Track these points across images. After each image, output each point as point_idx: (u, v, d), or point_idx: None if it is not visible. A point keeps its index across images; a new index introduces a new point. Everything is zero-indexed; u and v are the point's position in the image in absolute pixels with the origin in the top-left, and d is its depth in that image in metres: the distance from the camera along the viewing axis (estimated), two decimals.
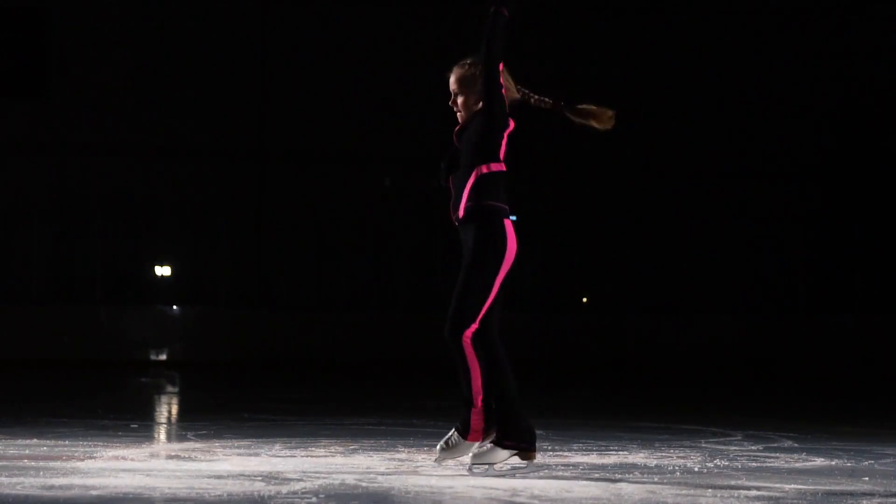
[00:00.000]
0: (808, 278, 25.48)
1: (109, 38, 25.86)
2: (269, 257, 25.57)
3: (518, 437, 6.71)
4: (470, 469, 6.72)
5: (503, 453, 6.70)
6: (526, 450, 6.75)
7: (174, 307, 23.49)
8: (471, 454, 6.76)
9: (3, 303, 23.20)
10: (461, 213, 6.79)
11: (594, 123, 6.99)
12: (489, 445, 6.75)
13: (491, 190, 6.75)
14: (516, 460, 6.81)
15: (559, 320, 24.28)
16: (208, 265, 25.05)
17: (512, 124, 6.84)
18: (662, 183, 27.10)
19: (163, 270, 25.39)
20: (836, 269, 25.56)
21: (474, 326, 6.69)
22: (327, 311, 23.98)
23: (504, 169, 6.82)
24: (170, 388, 17.20)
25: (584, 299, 26.22)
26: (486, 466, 6.69)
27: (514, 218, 6.85)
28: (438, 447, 6.86)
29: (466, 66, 6.94)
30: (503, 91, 6.82)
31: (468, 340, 6.70)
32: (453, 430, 6.83)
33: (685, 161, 27.19)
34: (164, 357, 22.92)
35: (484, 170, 6.76)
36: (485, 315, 6.71)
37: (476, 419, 6.75)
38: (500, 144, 6.80)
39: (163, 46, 26.01)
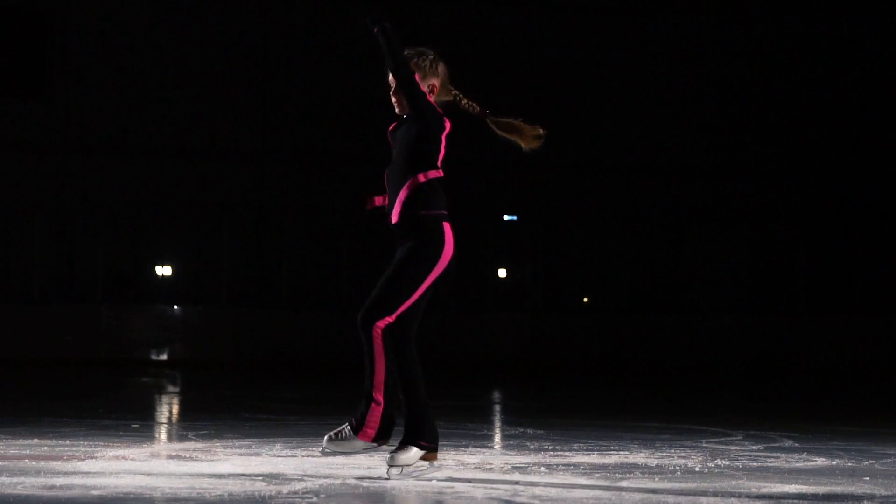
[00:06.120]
0: (808, 278, 25.48)
1: (111, 39, 25.88)
2: (269, 257, 25.58)
3: (431, 438, 6.58)
4: (388, 473, 6.51)
5: (417, 452, 6.53)
6: (434, 451, 6.63)
7: (175, 307, 23.49)
8: (388, 456, 6.56)
9: (4, 302, 23.21)
10: (394, 219, 6.72)
11: (518, 139, 6.82)
12: (401, 448, 6.54)
13: (428, 199, 6.67)
14: (419, 461, 6.63)
15: (559, 320, 24.28)
16: (209, 265, 25.05)
17: (448, 125, 6.72)
18: (662, 183, 27.10)
19: (164, 270, 25.40)
20: (836, 269, 25.55)
21: (389, 319, 6.56)
22: (328, 310, 23.97)
23: (441, 175, 6.72)
24: (170, 388, 17.19)
25: (585, 299, 26.22)
26: (400, 469, 6.52)
27: (514, 217, 6.85)
28: (326, 438, 6.66)
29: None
30: (429, 94, 6.78)
31: (379, 331, 6.57)
32: (346, 423, 6.65)
33: (685, 161, 27.19)
34: (164, 357, 22.92)
35: (421, 178, 6.69)
36: (404, 312, 6.59)
37: (373, 418, 6.60)
38: (439, 149, 6.72)
39: (164, 47, 26.03)
